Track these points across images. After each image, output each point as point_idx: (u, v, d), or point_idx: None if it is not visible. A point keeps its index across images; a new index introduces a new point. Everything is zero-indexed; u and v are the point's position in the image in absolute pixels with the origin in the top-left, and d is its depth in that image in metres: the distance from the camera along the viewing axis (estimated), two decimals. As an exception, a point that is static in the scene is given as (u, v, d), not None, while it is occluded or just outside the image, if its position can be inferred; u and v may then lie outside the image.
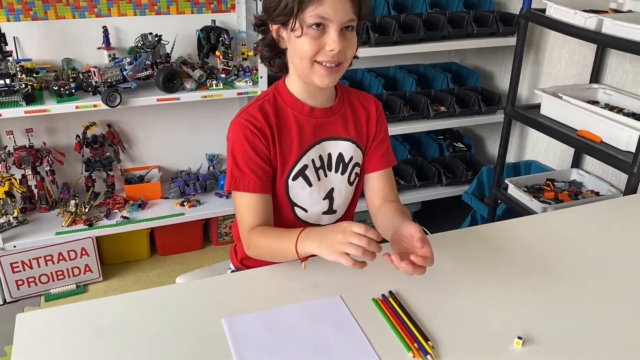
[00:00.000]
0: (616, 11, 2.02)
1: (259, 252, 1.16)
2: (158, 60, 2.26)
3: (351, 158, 1.24)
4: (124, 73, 2.17)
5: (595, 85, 2.18)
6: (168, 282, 2.61)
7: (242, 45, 2.47)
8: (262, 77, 2.32)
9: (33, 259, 2.23)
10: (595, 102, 2.10)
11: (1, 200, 2.26)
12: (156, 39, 2.25)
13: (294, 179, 1.19)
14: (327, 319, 0.99)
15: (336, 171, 1.23)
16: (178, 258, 2.59)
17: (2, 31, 2.04)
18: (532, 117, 2.10)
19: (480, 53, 2.90)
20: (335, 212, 1.26)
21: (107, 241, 2.42)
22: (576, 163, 2.35)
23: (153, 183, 2.52)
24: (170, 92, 2.25)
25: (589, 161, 2.31)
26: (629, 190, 1.75)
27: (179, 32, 2.37)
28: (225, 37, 2.36)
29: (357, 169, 1.26)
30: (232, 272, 1.38)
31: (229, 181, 1.14)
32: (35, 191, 2.37)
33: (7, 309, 2.24)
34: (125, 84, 2.19)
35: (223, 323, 0.96)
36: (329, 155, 1.22)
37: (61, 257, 2.28)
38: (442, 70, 2.82)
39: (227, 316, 0.98)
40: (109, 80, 2.14)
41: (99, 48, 2.26)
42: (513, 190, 2.18)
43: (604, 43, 1.96)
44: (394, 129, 2.46)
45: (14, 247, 2.19)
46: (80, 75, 2.20)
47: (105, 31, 2.24)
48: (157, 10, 2.37)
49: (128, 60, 2.21)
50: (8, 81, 2.04)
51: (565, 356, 0.93)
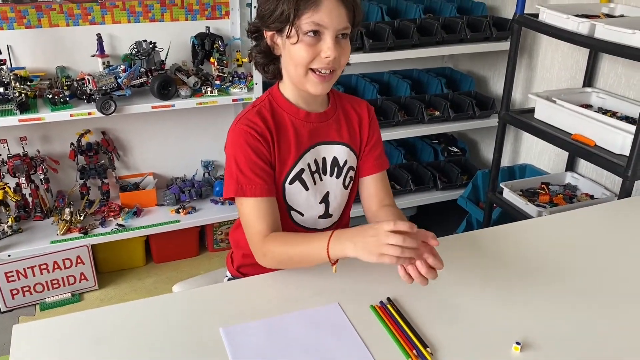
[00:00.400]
0: (608, 16, 2.04)
1: (277, 260, 1.12)
2: (152, 68, 2.25)
3: (345, 162, 1.25)
4: (119, 80, 2.17)
5: (588, 89, 2.19)
6: (164, 290, 2.60)
7: (237, 51, 2.47)
8: (257, 84, 2.32)
9: (28, 268, 2.22)
10: (588, 106, 2.12)
11: (-5, 209, 2.26)
12: (150, 46, 2.25)
13: (291, 182, 1.19)
14: (326, 326, 0.99)
15: (331, 175, 1.24)
16: (174, 265, 2.58)
17: (-4, 40, 2.04)
18: (526, 121, 2.11)
19: (473, 58, 2.92)
20: (331, 216, 1.27)
21: (103, 249, 2.41)
22: (570, 166, 2.36)
23: (148, 190, 2.51)
24: (165, 99, 2.24)
25: (583, 164, 2.33)
26: (623, 194, 1.76)
27: (173, 39, 2.37)
28: (220, 43, 2.36)
29: (351, 173, 1.27)
30: (228, 279, 1.37)
31: (235, 188, 1.12)
32: (30, 200, 2.36)
33: (1, 318, 2.22)
34: (120, 92, 2.18)
35: (221, 332, 0.96)
36: (324, 159, 1.23)
37: (56, 266, 2.26)
38: (436, 75, 2.84)
39: (225, 325, 0.98)
40: (103, 87, 2.14)
41: (93, 56, 2.26)
42: (508, 194, 2.19)
43: (597, 47, 1.97)
44: (389, 134, 2.47)
45: (9, 256, 2.17)
46: (75, 83, 2.19)
47: (99, 39, 2.23)
48: (151, 18, 2.37)
49: (122, 67, 2.20)
50: (2, 90, 2.03)
51: (564, 361, 0.93)
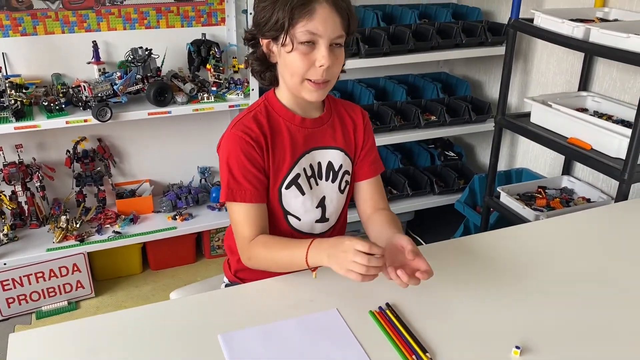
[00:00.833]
0: (603, 20, 2.05)
1: (261, 263, 1.16)
2: (149, 74, 2.25)
3: (340, 166, 1.25)
4: (115, 87, 2.17)
5: (583, 93, 2.20)
6: (161, 297, 2.58)
7: (233, 58, 2.47)
8: (253, 90, 2.32)
9: (24, 276, 2.20)
10: (584, 110, 2.12)
11: (-9, 217, 2.25)
12: (146, 52, 2.25)
13: (287, 187, 1.19)
14: (324, 332, 0.98)
15: (327, 179, 1.25)
16: (171, 272, 2.57)
17: (-9, 47, 2.04)
18: (522, 125, 2.12)
19: (469, 63, 2.93)
20: (327, 220, 1.27)
21: (99, 257, 2.39)
22: (567, 170, 2.36)
23: (145, 197, 2.51)
24: (162, 105, 2.24)
25: (580, 168, 2.33)
26: (620, 197, 1.76)
27: (169, 46, 2.37)
28: (216, 50, 2.37)
29: (347, 177, 1.27)
30: (226, 285, 1.37)
31: (225, 192, 1.15)
32: (26, 207, 2.35)
33: (-3, 327, 2.21)
34: (116, 99, 2.18)
35: (219, 339, 0.96)
36: (319, 164, 1.23)
37: (52, 274, 2.25)
38: (431, 80, 2.84)
39: (224, 332, 0.97)
40: (99, 94, 2.13)
41: (89, 63, 2.25)
42: (505, 198, 2.19)
43: (592, 52, 1.98)
44: (385, 139, 2.47)
45: (4, 264, 2.16)
46: (70, 90, 2.19)
47: (95, 46, 2.23)
48: (146, 24, 2.37)
49: (118, 74, 2.20)
50: (-3, 97, 2.03)
51: (563, 365, 0.93)
